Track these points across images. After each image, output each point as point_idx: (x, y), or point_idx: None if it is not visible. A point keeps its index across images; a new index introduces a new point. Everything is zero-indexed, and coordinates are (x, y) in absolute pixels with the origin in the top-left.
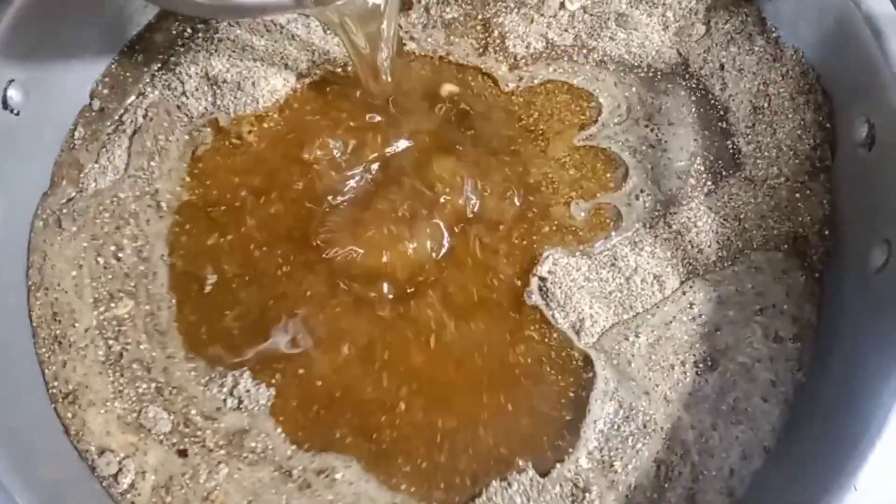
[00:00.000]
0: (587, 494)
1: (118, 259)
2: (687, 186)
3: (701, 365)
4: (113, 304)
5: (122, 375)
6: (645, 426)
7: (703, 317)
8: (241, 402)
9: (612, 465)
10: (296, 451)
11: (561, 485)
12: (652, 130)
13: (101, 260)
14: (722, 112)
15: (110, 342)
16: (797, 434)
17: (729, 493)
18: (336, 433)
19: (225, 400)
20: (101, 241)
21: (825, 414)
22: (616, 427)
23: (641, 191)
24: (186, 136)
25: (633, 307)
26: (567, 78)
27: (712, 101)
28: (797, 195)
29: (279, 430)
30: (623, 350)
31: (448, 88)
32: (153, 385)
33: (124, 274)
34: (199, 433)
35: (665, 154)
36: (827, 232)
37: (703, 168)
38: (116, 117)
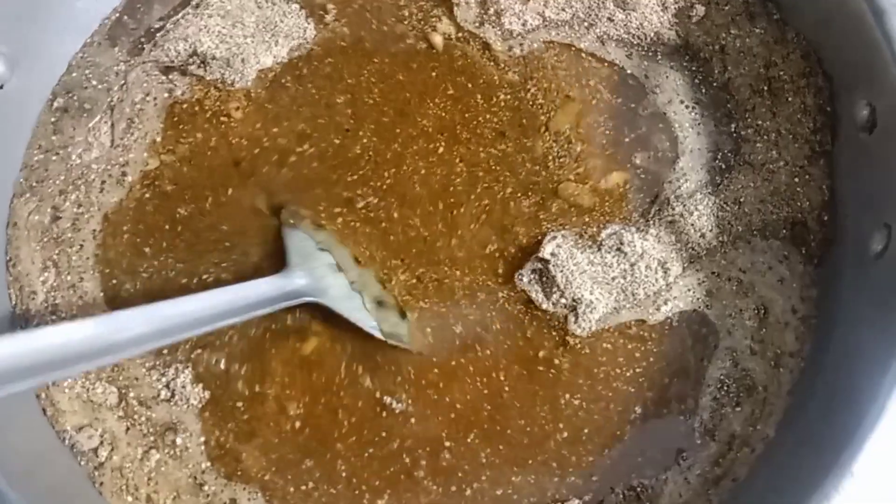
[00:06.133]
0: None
1: (55, 223)
2: (689, 167)
3: (760, 311)
4: (47, 274)
5: None
6: (748, 390)
7: (730, 281)
8: (173, 395)
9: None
10: (209, 468)
11: None
12: (654, 108)
13: (42, 224)
14: (723, 94)
15: (52, 317)
16: (796, 420)
17: None
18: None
19: (160, 390)
20: (44, 203)
21: (823, 400)
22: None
23: (648, 169)
24: (170, 111)
25: (636, 294)
26: (572, 41)
27: (713, 83)
28: (796, 179)
29: (202, 437)
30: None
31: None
32: None
33: (54, 240)
34: (135, 416)
35: (670, 133)
36: (826, 218)
37: (704, 149)
38: (102, 92)
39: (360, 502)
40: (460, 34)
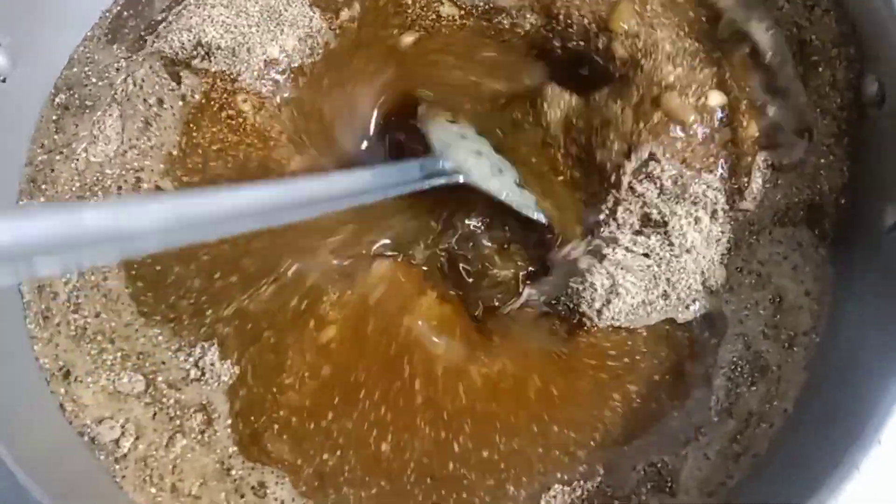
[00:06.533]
0: None
1: None
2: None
3: (775, 300)
4: (69, 275)
5: (92, 348)
6: (762, 370)
7: (751, 274)
8: (203, 373)
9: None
10: (236, 453)
11: None
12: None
13: None
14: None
15: (73, 316)
16: (815, 394)
17: None
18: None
19: (189, 370)
20: None
21: (841, 373)
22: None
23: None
24: (179, 106)
25: (671, 281)
26: None
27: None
28: (822, 160)
29: (229, 420)
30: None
31: None
32: (119, 354)
33: None
34: (163, 399)
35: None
36: (843, 202)
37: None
38: (104, 88)
39: (369, 440)
40: (462, 11)
